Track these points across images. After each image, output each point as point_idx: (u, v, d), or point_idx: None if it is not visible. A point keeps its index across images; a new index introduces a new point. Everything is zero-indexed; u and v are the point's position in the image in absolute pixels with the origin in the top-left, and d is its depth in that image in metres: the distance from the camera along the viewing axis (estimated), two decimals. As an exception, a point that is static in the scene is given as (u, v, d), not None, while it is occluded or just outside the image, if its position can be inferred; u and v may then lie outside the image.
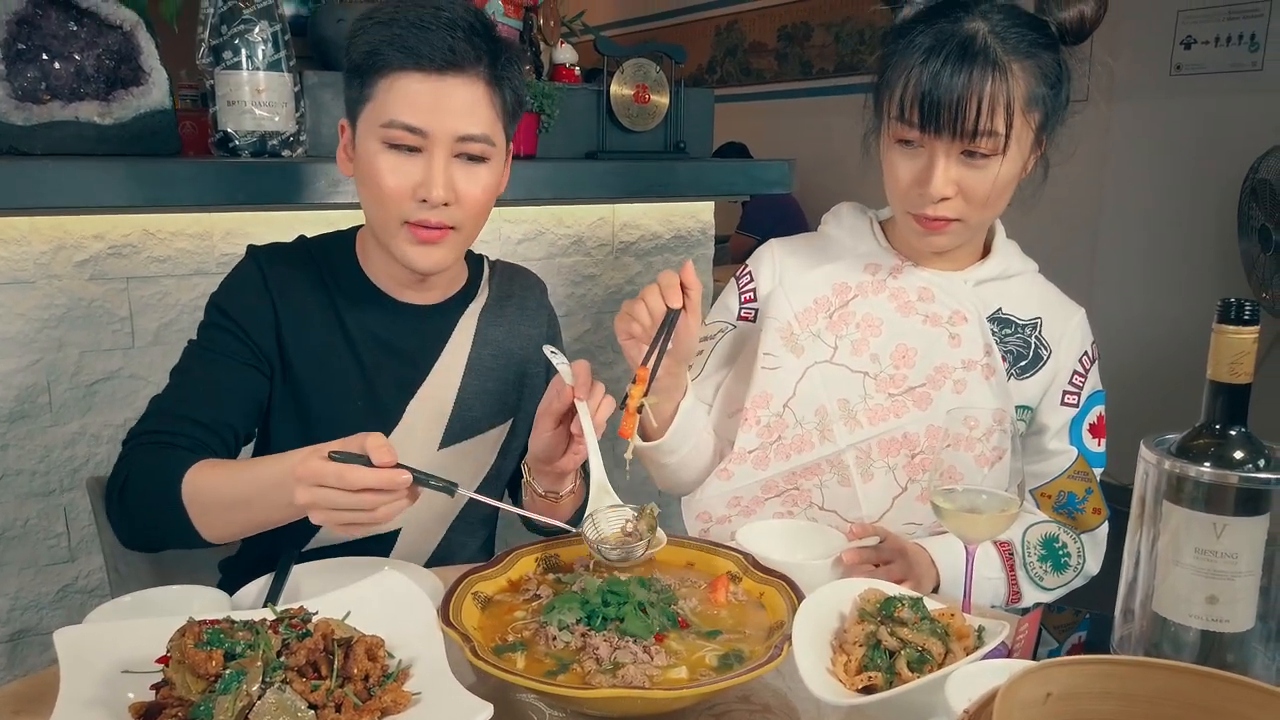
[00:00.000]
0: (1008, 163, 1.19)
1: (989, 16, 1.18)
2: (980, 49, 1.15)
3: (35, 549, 1.79)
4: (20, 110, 1.58)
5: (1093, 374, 1.35)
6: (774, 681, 0.97)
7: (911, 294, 1.32)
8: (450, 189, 1.18)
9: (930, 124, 1.17)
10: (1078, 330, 1.34)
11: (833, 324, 1.33)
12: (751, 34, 6.34)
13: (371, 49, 1.16)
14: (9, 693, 0.94)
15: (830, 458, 1.31)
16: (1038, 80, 1.19)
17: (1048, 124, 1.23)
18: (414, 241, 1.21)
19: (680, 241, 2.44)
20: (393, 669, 0.86)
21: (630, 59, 2.19)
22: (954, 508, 1.03)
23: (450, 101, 1.16)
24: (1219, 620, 0.87)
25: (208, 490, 1.09)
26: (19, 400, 1.73)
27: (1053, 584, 1.30)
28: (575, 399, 1.12)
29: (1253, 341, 0.85)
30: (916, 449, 1.28)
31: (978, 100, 1.15)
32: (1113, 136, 4.24)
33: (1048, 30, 1.21)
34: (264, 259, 1.29)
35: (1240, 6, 3.75)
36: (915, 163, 1.21)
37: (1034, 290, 1.36)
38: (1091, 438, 1.33)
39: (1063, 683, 0.63)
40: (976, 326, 1.29)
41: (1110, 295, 4.34)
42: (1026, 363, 1.32)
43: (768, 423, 1.32)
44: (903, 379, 1.29)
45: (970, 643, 0.92)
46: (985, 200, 1.21)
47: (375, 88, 1.17)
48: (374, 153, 1.18)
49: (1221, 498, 0.86)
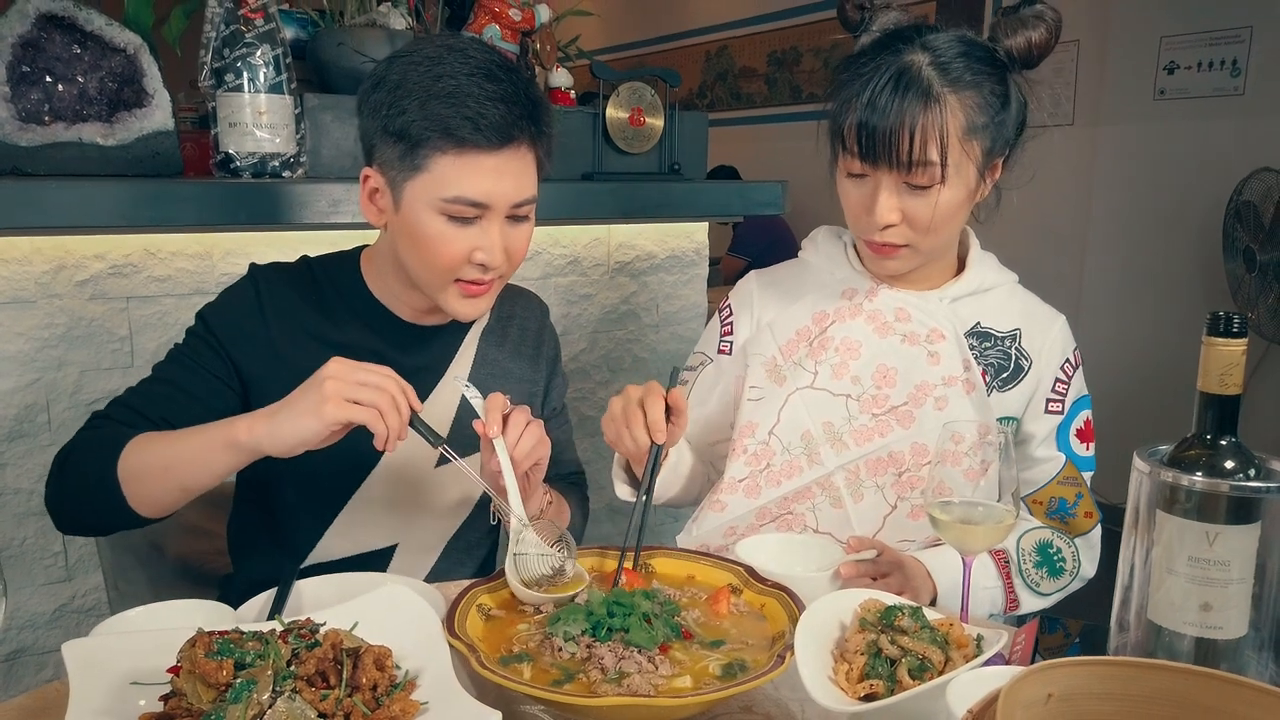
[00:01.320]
0: (949, 190, 1.21)
1: (933, 47, 1.20)
2: (915, 81, 1.17)
3: (32, 568, 1.79)
4: (24, 131, 1.60)
5: (1076, 379, 1.36)
6: (775, 692, 0.98)
7: (888, 315, 1.34)
8: (504, 250, 1.21)
9: (869, 155, 1.20)
10: (1059, 337, 1.36)
11: (813, 351, 1.35)
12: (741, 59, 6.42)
13: (432, 124, 1.15)
14: (14, 706, 0.94)
15: (820, 480, 1.32)
16: (977, 109, 1.20)
17: (994, 150, 1.24)
18: (464, 296, 1.24)
19: (675, 262, 2.47)
20: (400, 679, 0.87)
21: (625, 83, 2.22)
22: (951, 519, 1.05)
23: (509, 174, 1.19)
24: (1213, 627, 0.88)
25: (144, 453, 1.12)
26: (18, 419, 1.74)
27: (1049, 589, 1.31)
28: (488, 436, 1.13)
29: (1241, 353, 0.87)
30: (903, 467, 1.29)
31: (910, 131, 1.17)
32: (1099, 159, 4.31)
33: (995, 58, 1.22)
34: (262, 279, 1.31)
35: (1222, 33, 3.83)
36: (862, 191, 1.25)
37: (1013, 302, 1.38)
38: (1079, 443, 1.35)
39: (1064, 683, 0.64)
40: (954, 343, 1.31)
41: (1098, 314, 4.38)
42: (1008, 374, 1.33)
43: (755, 451, 1.34)
44: (885, 399, 1.31)
45: (969, 651, 0.93)
46: (929, 227, 1.23)
47: (434, 161, 1.16)
48: (430, 221, 1.18)
49: (1213, 507, 0.87)
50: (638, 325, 2.45)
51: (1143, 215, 4.15)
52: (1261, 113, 3.71)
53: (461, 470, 1.35)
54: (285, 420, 1.06)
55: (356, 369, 1.06)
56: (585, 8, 2.28)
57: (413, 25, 2.01)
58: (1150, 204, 4.12)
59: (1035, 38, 1.22)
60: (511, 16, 2.06)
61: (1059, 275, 4.50)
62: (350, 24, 1.98)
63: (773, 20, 6.06)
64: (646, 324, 2.46)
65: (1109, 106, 4.25)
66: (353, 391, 1.05)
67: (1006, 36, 1.23)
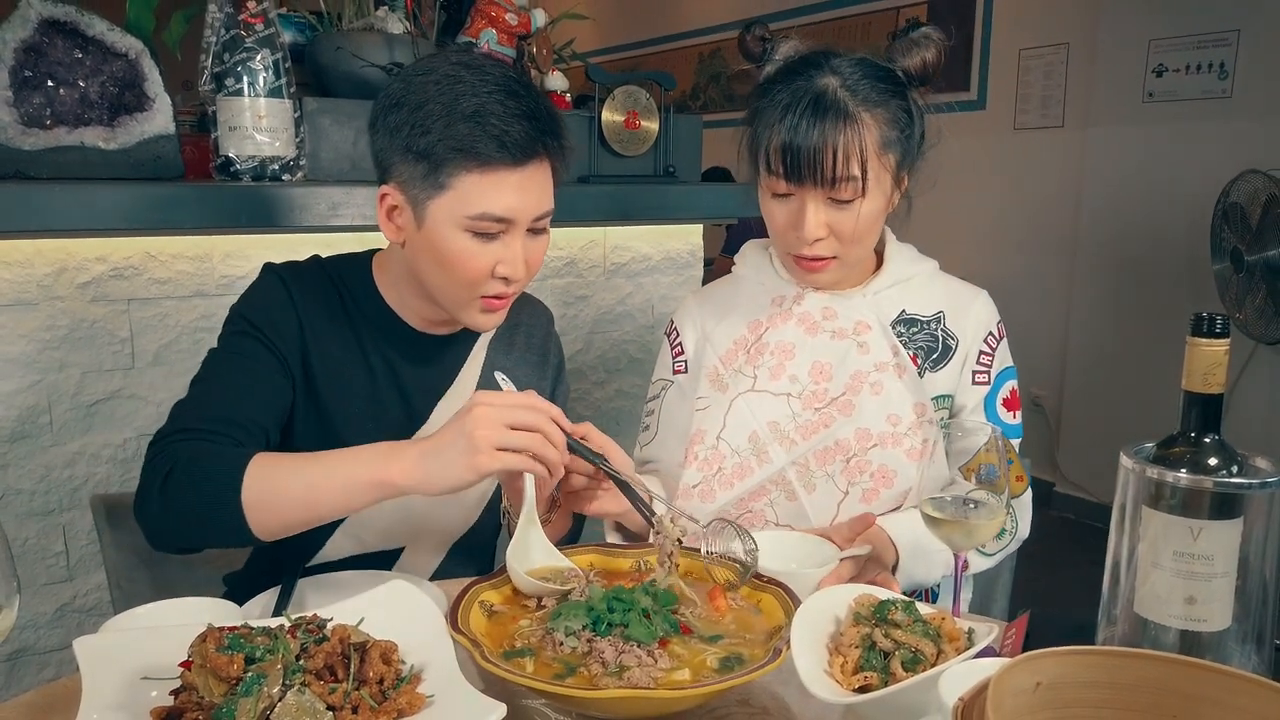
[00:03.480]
0: (869, 201, 1.29)
1: (840, 71, 1.28)
2: (831, 103, 1.25)
3: (34, 568, 1.80)
4: (27, 135, 1.61)
5: (1001, 351, 1.42)
6: (771, 686, 1.01)
7: (816, 315, 1.40)
8: (524, 263, 1.23)
9: (794, 175, 1.27)
10: (980, 312, 1.41)
11: (750, 357, 1.41)
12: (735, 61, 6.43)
13: (457, 144, 1.16)
14: (23, 703, 0.96)
15: (772, 477, 1.37)
16: (888, 125, 1.28)
17: (904, 161, 1.32)
18: (486, 311, 1.26)
19: (670, 263, 2.49)
20: (406, 672, 0.89)
21: (621, 86, 2.25)
22: (943, 517, 1.07)
23: (531, 188, 1.20)
24: (1197, 620, 0.91)
25: (274, 480, 1.09)
26: (20, 420, 1.75)
27: (993, 549, 1.37)
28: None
29: (1224, 353, 0.90)
30: (850, 453, 1.34)
31: (833, 150, 1.24)
32: (1089, 161, 4.34)
33: (895, 77, 1.31)
34: (287, 275, 1.31)
35: (1209, 36, 3.86)
36: (788, 208, 1.32)
37: (934, 287, 1.44)
38: (1006, 411, 1.41)
39: (1052, 672, 0.66)
40: (880, 332, 1.38)
41: (1087, 315, 4.42)
42: (937, 355, 1.39)
43: (705, 457, 1.39)
44: (824, 393, 1.37)
45: (961, 644, 0.95)
46: (854, 237, 1.31)
47: (458, 180, 1.17)
48: (455, 238, 1.19)
49: (1197, 502, 0.90)
50: (634, 326, 2.47)
51: (1132, 216, 4.19)
52: (1248, 115, 3.75)
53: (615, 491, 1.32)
54: (437, 470, 1.05)
55: (504, 409, 1.05)
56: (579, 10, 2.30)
57: (410, 30, 2.03)
58: (1139, 205, 4.15)
59: (929, 57, 1.32)
60: (508, 21, 2.08)
61: (1051, 274, 4.54)
62: (348, 28, 2.00)
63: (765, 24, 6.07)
64: (642, 325, 2.48)
65: (1098, 109, 4.29)
66: (504, 439, 1.04)
67: (903, 58, 1.32)
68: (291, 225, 1.78)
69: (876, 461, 1.32)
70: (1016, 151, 4.65)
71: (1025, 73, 4.61)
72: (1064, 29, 4.43)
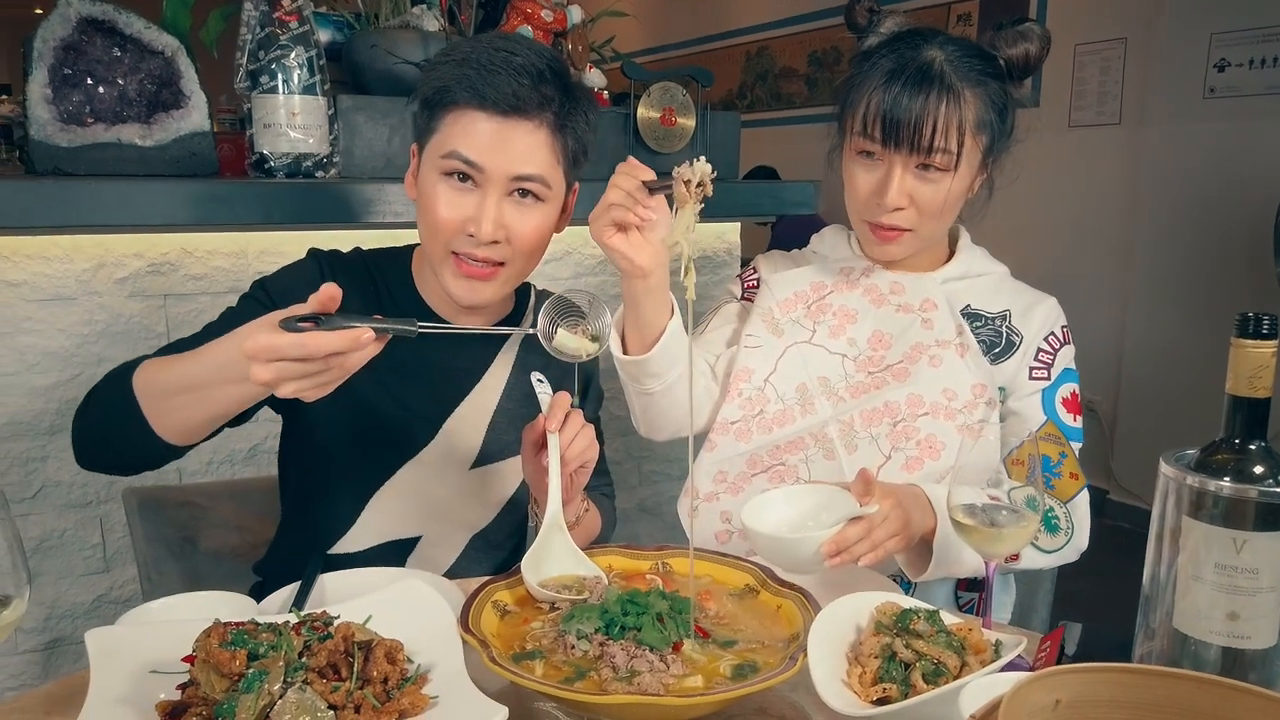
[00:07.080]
0: (957, 179, 1.29)
1: (944, 46, 1.28)
2: (937, 74, 1.26)
3: (71, 559, 1.83)
4: (65, 132, 1.64)
5: (1063, 354, 1.38)
6: (792, 694, 0.97)
7: (884, 288, 1.39)
8: (500, 226, 1.21)
9: (891, 139, 1.26)
10: (1048, 314, 1.39)
11: (810, 313, 1.41)
12: (782, 59, 6.39)
13: (442, 85, 1.20)
14: (42, 694, 0.96)
15: (813, 431, 1.34)
16: (986, 106, 1.29)
17: (993, 147, 1.32)
18: (459, 274, 1.24)
19: (706, 262, 2.46)
20: (411, 672, 0.88)
21: (657, 83, 2.22)
22: (975, 524, 1.03)
23: (510, 143, 1.20)
24: (1240, 637, 0.86)
25: (158, 378, 1.07)
26: (59, 414, 1.78)
27: (1049, 545, 1.29)
28: (547, 431, 1.13)
29: (1271, 355, 0.85)
30: (899, 417, 1.31)
31: (933, 120, 1.25)
32: (1146, 159, 4.22)
33: (996, 63, 1.31)
34: (326, 262, 1.32)
35: (1274, 29, 3.73)
36: (873, 174, 1.30)
37: (1003, 288, 1.42)
38: (1066, 411, 1.36)
39: (1072, 689, 0.63)
40: (946, 311, 1.36)
41: (1144, 316, 4.30)
42: (1000, 349, 1.37)
43: (749, 395, 1.37)
44: (880, 359, 1.35)
45: (987, 656, 0.92)
46: (936, 212, 1.30)
47: (441, 121, 1.21)
48: (432, 182, 1.22)
49: (1241, 513, 0.85)
50: (669, 325, 2.44)
51: (1190, 215, 4.06)
52: (1316, 111, 3.62)
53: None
54: None
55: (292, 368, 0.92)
56: (620, 8, 2.28)
57: (446, 27, 2.03)
58: (1199, 204, 4.02)
59: (1032, 50, 1.32)
60: (543, 17, 2.07)
61: (1106, 275, 4.42)
62: (384, 26, 2.00)
63: (813, 20, 6.03)
64: (678, 324, 2.45)
65: (1157, 105, 4.16)
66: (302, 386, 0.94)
67: (1008, 47, 1.31)
68: (325, 222, 1.79)
69: (925, 430, 1.29)
70: (1071, 150, 4.53)
71: (1081, 69, 4.49)
72: (1121, 23, 4.30)
